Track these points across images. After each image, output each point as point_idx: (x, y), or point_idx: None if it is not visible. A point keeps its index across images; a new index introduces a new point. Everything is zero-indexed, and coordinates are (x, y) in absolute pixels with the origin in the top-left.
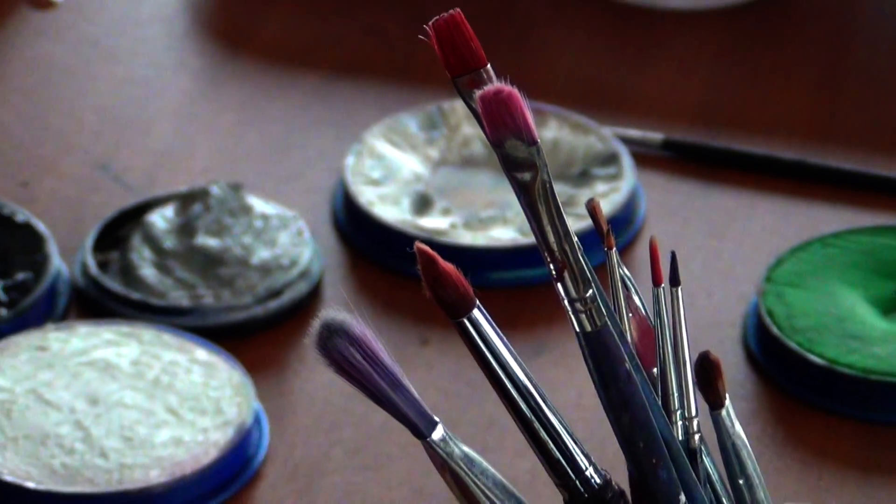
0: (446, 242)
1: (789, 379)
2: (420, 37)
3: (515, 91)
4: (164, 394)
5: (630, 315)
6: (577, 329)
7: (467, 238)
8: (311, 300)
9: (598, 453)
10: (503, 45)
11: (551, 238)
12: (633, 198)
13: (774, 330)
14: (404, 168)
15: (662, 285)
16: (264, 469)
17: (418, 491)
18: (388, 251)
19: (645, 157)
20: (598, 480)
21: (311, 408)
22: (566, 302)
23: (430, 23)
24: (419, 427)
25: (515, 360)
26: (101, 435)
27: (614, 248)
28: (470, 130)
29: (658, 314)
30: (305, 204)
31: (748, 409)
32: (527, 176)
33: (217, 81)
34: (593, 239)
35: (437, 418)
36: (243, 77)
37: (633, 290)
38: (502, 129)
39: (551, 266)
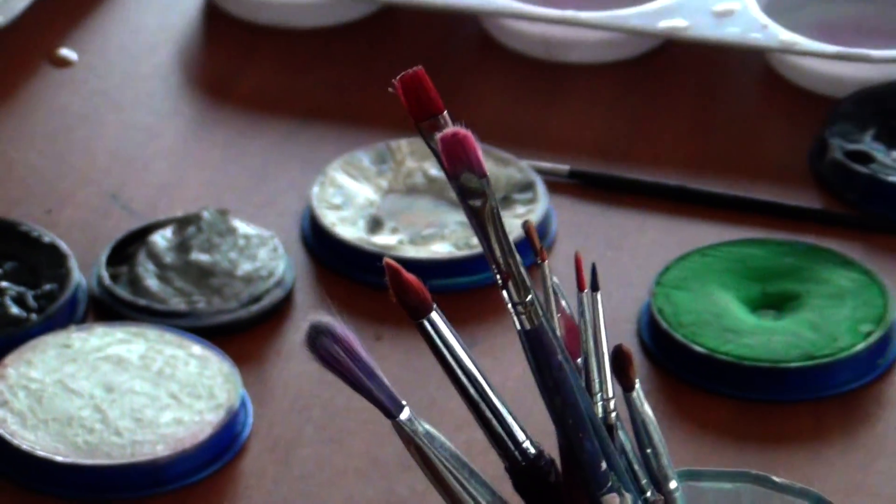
0: (395, 256)
1: (676, 365)
2: (389, 89)
3: (469, 133)
4: (166, 382)
5: (559, 315)
6: (519, 327)
7: (412, 252)
8: (285, 304)
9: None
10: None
11: (498, 253)
12: (546, 218)
13: (664, 325)
14: (360, 195)
15: (585, 291)
16: (249, 443)
17: (375, 460)
18: (348, 263)
19: (555, 184)
20: (532, 451)
21: (286, 393)
22: (510, 305)
23: (398, 77)
24: (390, 409)
25: (465, 352)
26: (116, 417)
27: (546, 261)
28: (413, 164)
29: (582, 314)
30: (279, 225)
31: (643, 390)
32: (478, 203)
33: (205, 125)
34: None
35: (403, 402)
36: (227, 122)
37: (560, 294)
38: (458, 165)
39: (498, 276)
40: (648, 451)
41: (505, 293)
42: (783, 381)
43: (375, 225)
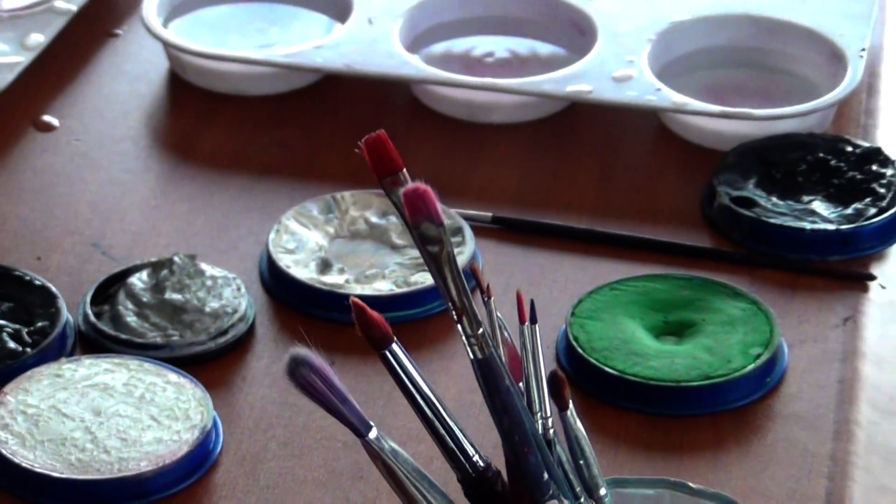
0: (343, 293)
1: (591, 385)
2: (355, 150)
3: (429, 188)
4: (147, 406)
5: (503, 344)
6: (472, 356)
7: (357, 290)
8: (248, 337)
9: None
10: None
11: (454, 293)
12: (473, 258)
13: (579, 350)
14: (310, 241)
15: (526, 323)
16: (221, 459)
17: (332, 471)
18: (301, 300)
19: (480, 229)
20: (482, 463)
21: (252, 414)
22: (464, 337)
23: (363, 140)
24: (360, 430)
25: (422, 377)
26: (104, 437)
27: (493, 298)
28: (356, 213)
29: (523, 344)
30: (241, 268)
31: None
32: (436, 248)
33: (173, 181)
34: None
35: (372, 423)
36: (192, 178)
37: (503, 326)
38: (419, 216)
39: (453, 312)
40: (581, 462)
41: (459, 327)
42: (684, 398)
43: (325, 266)
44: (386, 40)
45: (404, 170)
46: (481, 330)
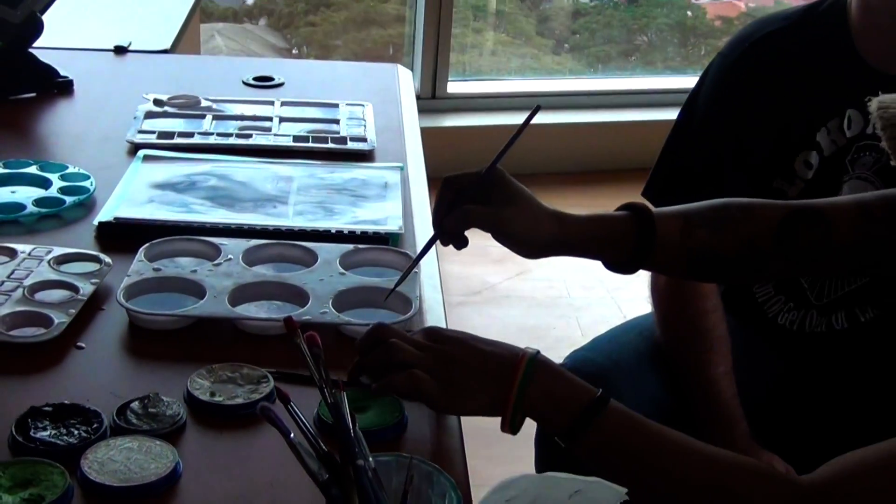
0: (222, 405)
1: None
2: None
3: (316, 334)
4: (148, 454)
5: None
6: (329, 401)
7: (227, 403)
8: (184, 425)
9: None
10: None
11: (325, 377)
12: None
13: (325, 420)
14: (204, 384)
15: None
16: (183, 474)
17: (242, 478)
18: (203, 410)
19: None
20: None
21: (193, 456)
22: (326, 394)
23: (284, 320)
24: (286, 431)
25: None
26: (133, 467)
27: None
28: (222, 373)
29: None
30: (177, 397)
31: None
32: (316, 360)
33: (141, 368)
34: None
35: (290, 430)
36: (148, 364)
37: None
38: (311, 347)
39: (324, 386)
40: (364, 446)
41: (325, 391)
42: (385, 433)
43: (211, 394)
44: (222, 303)
45: (299, 330)
46: (334, 391)
